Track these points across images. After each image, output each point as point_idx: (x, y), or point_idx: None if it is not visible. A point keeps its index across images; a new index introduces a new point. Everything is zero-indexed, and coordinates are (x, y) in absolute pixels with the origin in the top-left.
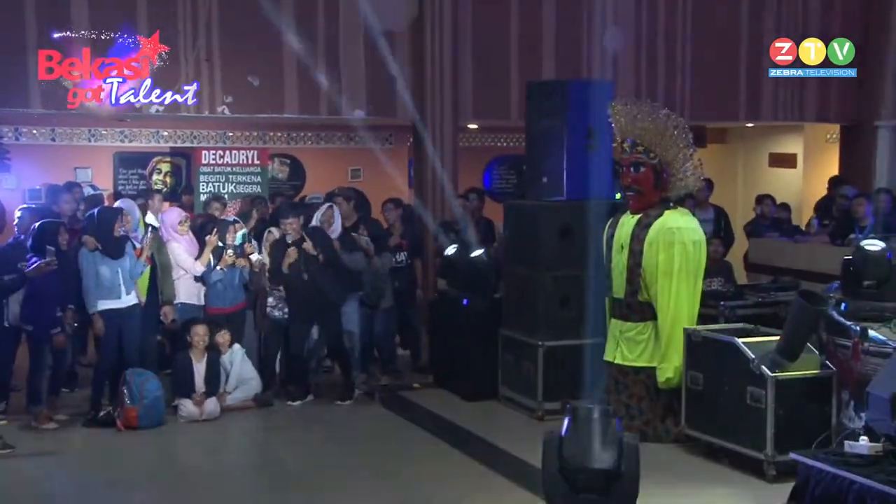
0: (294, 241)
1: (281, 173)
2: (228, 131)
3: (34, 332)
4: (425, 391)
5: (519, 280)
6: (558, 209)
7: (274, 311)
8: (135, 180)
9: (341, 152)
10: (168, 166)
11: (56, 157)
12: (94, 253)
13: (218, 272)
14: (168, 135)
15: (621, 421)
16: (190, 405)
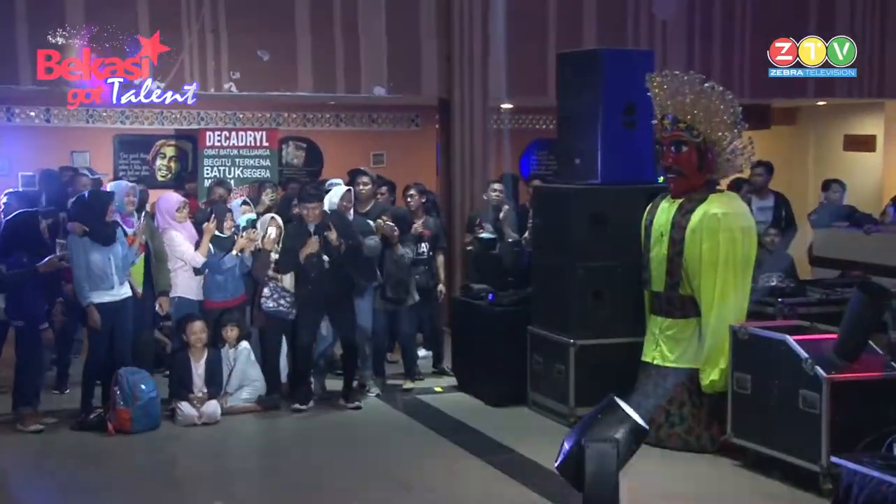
0: (316, 228)
1: (296, 158)
2: (238, 112)
3: (26, 328)
4: (447, 396)
5: (548, 273)
6: (591, 194)
7: (268, 301)
8: (137, 166)
9: (362, 135)
10: (173, 150)
11: (51, 140)
12: (84, 240)
13: (232, 257)
14: (173, 116)
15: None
16: (188, 407)
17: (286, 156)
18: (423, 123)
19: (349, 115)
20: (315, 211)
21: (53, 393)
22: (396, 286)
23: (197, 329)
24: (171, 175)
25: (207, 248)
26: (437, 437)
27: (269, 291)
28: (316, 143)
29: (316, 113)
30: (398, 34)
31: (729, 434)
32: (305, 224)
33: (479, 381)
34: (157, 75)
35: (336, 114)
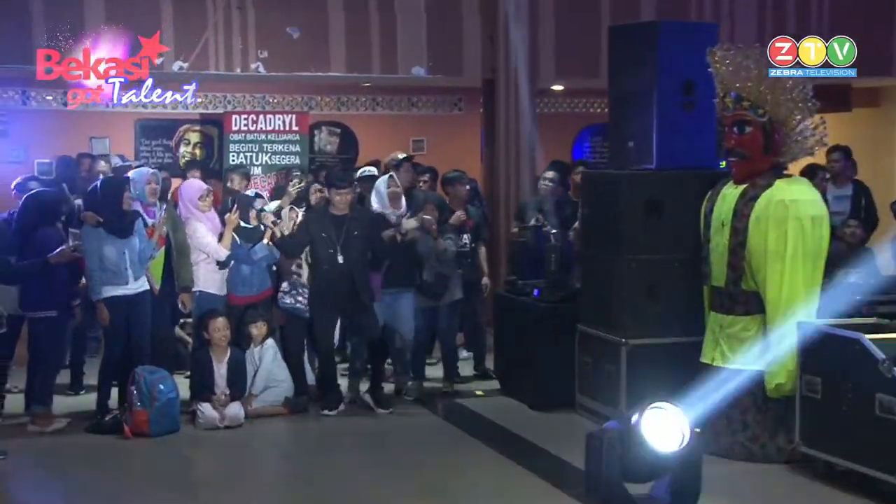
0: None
1: (329, 145)
2: (268, 96)
3: (56, 319)
4: (489, 399)
5: (598, 266)
6: (645, 180)
7: (285, 298)
8: (159, 152)
9: (401, 120)
10: (197, 136)
11: (69, 125)
12: (98, 230)
13: (263, 246)
14: (199, 100)
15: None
16: (209, 409)
17: (319, 142)
18: (468, 107)
19: (386, 99)
20: (346, 197)
21: (68, 394)
22: (435, 280)
23: (220, 326)
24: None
25: (231, 240)
26: (478, 443)
27: (287, 286)
28: (351, 129)
29: (351, 96)
30: (438, 10)
31: (797, 443)
32: (330, 212)
33: (523, 384)
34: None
35: (372, 97)
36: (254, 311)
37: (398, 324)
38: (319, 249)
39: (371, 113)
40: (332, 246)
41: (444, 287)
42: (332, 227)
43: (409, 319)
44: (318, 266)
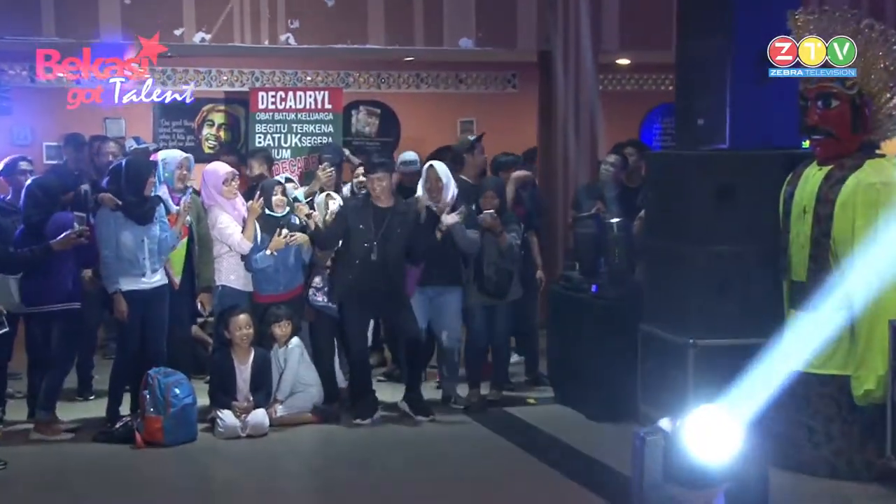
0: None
1: (368, 126)
2: (300, 72)
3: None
4: (542, 408)
5: (663, 259)
6: (717, 162)
7: (317, 295)
8: (180, 135)
9: (448, 99)
10: (222, 117)
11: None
12: (116, 214)
13: (266, 257)
14: (223, 77)
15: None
16: (230, 417)
17: (356, 123)
18: (522, 84)
19: (432, 75)
20: (382, 183)
21: (77, 400)
22: (499, 276)
23: (242, 324)
24: (219, 146)
25: (253, 232)
26: (529, 457)
27: (319, 282)
28: (392, 109)
29: (392, 72)
30: None
31: (889, 457)
32: (373, 203)
33: (579, 391)
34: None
35: (416, 73)
36: (276, 309)
37: (444, 323)
38: (354, 241)
39: (414, 91)
40: (369, 240)
41: (507, 284)
42: (371, 220)
43: (456, 318)
44: (348, 259)
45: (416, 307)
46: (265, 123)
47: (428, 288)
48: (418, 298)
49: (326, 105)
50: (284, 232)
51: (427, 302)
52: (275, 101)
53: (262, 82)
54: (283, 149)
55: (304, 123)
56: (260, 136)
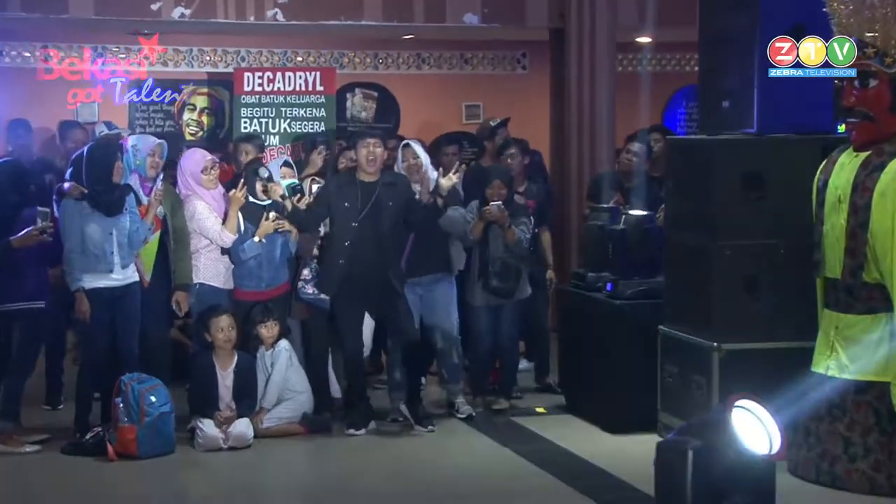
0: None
1: (364, 111)
2: (291, 51)
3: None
4: (552, 418)
5: (685, 255)
6: (744, 148)
7: (307, 287)
8: (158, 120)
9: (452, 81)
10: (204, 101)
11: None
12: (81, 205)
13: (254, 245)
14: (206, 57)
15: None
16: (211, 427)
17: (351, 107)
18: (533, 65)
19: (434, 55)
20: (376, 149)
21: (44, 409)
22: (505, 273)
23: (223, 325)
24: (202, 132)
25: (237, 223)
26: (538, 471)
27: (309, 273)
28: (390, 92)
29: (390, 51)
30: None
31: None
32: (358, 178)
33: (593, 400)
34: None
35: (417, 53)
36: (263, 308)
37: (438, 319)
38: (340, 222)
39: (415, 72)
40: (357, 218)
41: (515, 282)
42: (357, 196)
43: (452, 313)
44: (336, 242)
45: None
46: (251, 107)
47: (415, 282)
48: (409, 296)
49: (318, 87)
50: (272, 215)
51: (416, 298)
52: (262, 83)
53: (247, 62)
54: (270, 135)
55: (294, 107)
56: (245, 120)
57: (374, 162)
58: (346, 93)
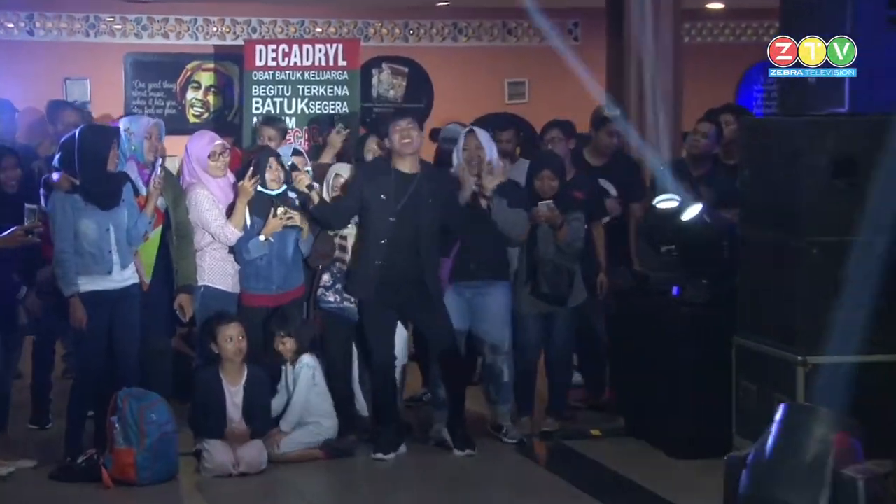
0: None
1: (392, 89)
2: (309, 20)
3: None
4: (610, 442)
5: (764, 253)
6: (834, 129)
7: (328, 295)
8: (158, 100)
9: (493, 55)
10: (210, 77)
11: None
12: (73, 198)
13: (260, 244)
14: (213, 28)
15: None
16: (220, 450)
17: (377, 85)
18: (586, 36)
19: (472, 25)
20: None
21: (30, 428)
22: (557, 276)
23: (232, 334)
24: (208, 114)
25: (244, 216)
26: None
27: (329, 279)
28: (422, 67)
29: (422, 21)
30: None
31: None
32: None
33: (656, 420)
34: None
35: (453, 22)
36: (280, 318)
37: (489, 329)
38: (374, 216)
39: (451, 45)
40: (393, 212)
41: (568, 286)
42: (393, 187)
43: (504, 323)
44: (371, 240)
45: (451, 309)
46: (264, 85)
47: (464, 285)
48: (453, 298)
49: (341, 62)
50: (280, 210)
51: (464, 303)
52: (276, 58)
53: (260, 34)
54: (286, 116)
55: (313, 85)
56: (258, 100)
57: (411, 145)
58: (372, 68)
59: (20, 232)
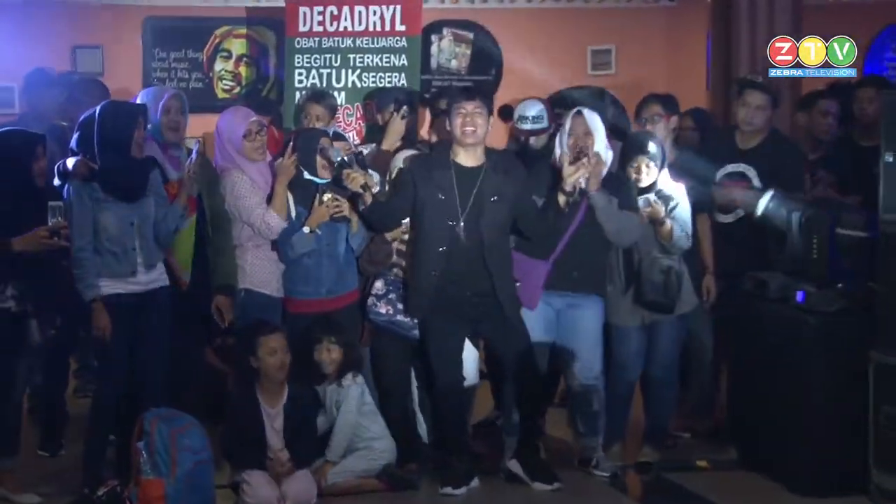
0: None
1: (455, 59)
2: None
3: None
4: (720, 475)
5: None
6: None
7: (378, 306)
8: (182, 71)
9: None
10: (243, 45)
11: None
12: (91, 187)
13: (306, 237)
14: None
15: None
16: (262, 483)
17: (437, 54)
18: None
19: None
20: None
21: (41, 455)
22: (664, 280)
23: (274, 346)
24: (239, 88)
25: (286, 201)
26: None
27: (382, 286)
28: (490, 34)
29: None
30: None
31: None
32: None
33: (776, 450)
34: None
35: None
36: (323, 324)
37: (579, 347)
38: (432, 219)
39: (523, 6)
40: (454, 215)
41: (675, 292)
42: (454, 184)
43: (597, 342)
44: (428, 248)
45: (536, 321)
46: (308, 54)
47: (555, 295)
48: (539, 307)
49: (398, 26)
50: (327, 197)
51: (552, 314)
52: (323, 21)
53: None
54: (333, 90)
55: (366, 53)
56: (301, 72)
57: (475, 134)
58: (432, 34)
59: (43, 233)
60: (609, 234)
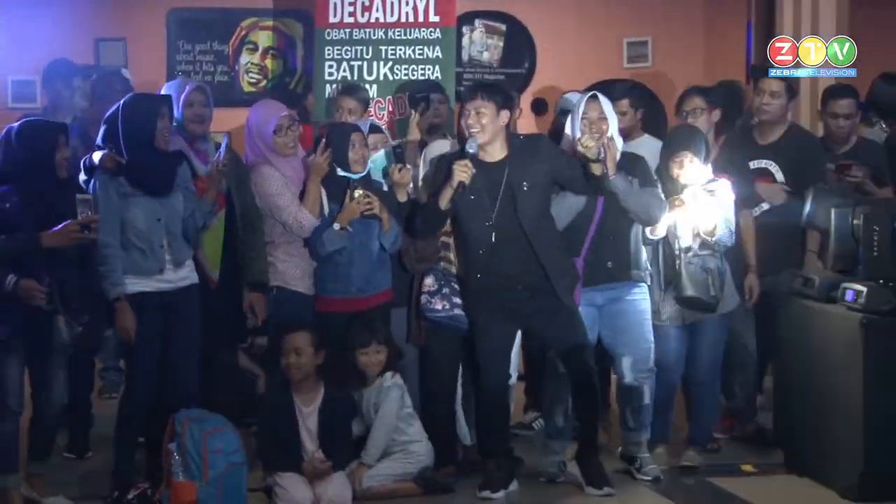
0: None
1: (486, 51)
2: None
3: None
4: (766, 479)
5: None
6: None
7: (433, 302)
8: (207, 64)
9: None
10: (269, 38)
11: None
12: (118, 182)
13: (336, 234)
14: None
15: None
16: (297, 486)
17: (469, 46)
18: None
19: None
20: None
21: (67, 457)
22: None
23: (301, 345)
24: (265, 81)
25: (319, 199)
26: None
27: (434, 283)
28: (524, 25)
29: None
30: None
31: None
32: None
33: (825, 454)
34: None
35: None
36: (362, 326)
37: (627, 342)
38: (468, 223)
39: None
40: (487, 214)
41: (719, 289)
42: (483, 184)
43: (644, 336)
44: (467, 251)
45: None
46: (339, 46)
47: (594, 291)
48: (582, 307)
49: (432, 17)
50: (358, 193)
51: (595, 313)
52: (354, 12)
53: None
54: (365, 83)
55: (398, 45)
56: (331, 64)
57: (481, 133)
58: (463, 26)
59: (74, 227)
60: (636, 216)
